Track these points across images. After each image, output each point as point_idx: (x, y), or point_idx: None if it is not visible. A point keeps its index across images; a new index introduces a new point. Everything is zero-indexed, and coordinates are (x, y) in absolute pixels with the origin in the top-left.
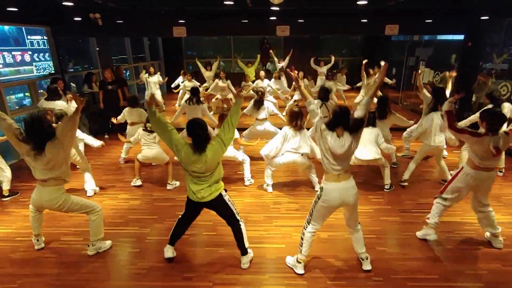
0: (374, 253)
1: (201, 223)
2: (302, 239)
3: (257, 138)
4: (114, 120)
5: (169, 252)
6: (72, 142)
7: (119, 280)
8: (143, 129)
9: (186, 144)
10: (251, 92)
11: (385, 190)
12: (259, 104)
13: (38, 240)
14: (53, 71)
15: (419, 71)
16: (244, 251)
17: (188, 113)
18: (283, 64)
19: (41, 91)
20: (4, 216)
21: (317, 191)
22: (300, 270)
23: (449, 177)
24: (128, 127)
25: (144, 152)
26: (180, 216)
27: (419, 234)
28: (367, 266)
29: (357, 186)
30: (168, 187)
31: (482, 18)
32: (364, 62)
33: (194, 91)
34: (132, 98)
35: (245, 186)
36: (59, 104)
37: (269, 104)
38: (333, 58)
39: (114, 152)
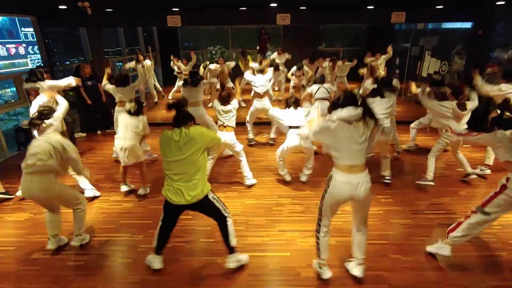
0: (387, 262)
1: (198, 228)
2: (317, 243)
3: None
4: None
5: (156, 262)
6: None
7: None
8: (127, 112)
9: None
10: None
11: (386, 181)
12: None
13: (50, 239)
14: (41, 64)
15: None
16: (230, 249)
17: (186, 96)
18: (280, 61)
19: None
20: None
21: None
22: (327, 274)
23: (470, 170)
24: (117, 107)
25: (117, 143)
26: (161, 222)
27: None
28: (358, 271)
29: None
30: (141, 191)
31: (497, 3)
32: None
33: (192, 74)
34: (122, 77)
35: (247, 186)
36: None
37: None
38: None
39: (106, 150)
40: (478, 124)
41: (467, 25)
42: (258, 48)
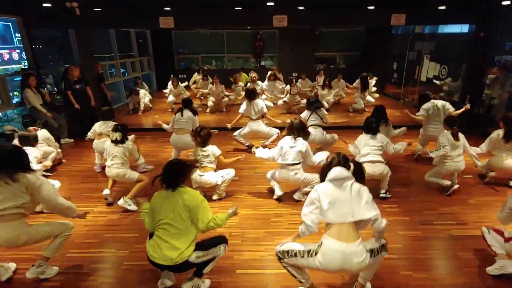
0: (399, 279)
1: None
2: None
3: (250, 138)
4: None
5: (166, 280)
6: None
7: None
8: (112, 141)
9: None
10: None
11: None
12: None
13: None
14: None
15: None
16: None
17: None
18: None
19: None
20: None
21: None
22: None
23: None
24: (96, 140)
25: (107, 169)
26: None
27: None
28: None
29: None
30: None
31: (503, 3)
32: None
33: (186, 103)
34: (107, 111)
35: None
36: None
37: (260, 101)
38: None
39: (93, 157)
40: (478, 127)
41: (465, 28)
42: (252, 53)
